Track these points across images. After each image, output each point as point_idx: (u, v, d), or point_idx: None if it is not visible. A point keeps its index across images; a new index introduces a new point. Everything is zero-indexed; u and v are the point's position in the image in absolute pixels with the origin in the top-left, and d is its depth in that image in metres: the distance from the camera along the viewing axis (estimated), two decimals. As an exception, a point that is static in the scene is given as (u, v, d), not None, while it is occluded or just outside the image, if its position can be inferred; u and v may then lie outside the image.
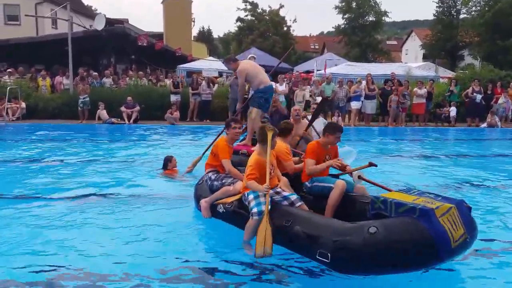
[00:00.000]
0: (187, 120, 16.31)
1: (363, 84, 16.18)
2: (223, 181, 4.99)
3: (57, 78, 17.76)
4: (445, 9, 42.29)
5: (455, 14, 42.27)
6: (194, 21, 46.04)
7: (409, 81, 17.16)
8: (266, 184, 4.14)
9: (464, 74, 20.75)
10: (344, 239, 3.50)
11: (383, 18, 44.55)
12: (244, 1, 43.64)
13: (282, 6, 44.09)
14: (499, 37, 32.59)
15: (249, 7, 43.90)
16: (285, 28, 44.50)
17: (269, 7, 44.30)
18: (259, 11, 44.22)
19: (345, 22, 45.13)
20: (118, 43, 21.89)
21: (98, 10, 50.10)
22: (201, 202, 5.00)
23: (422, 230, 3.37)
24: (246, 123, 7.49)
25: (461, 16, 41.74)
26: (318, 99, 15.69)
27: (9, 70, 17.51)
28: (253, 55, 8.90)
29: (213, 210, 4.88)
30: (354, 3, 43.73)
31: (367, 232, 3.43)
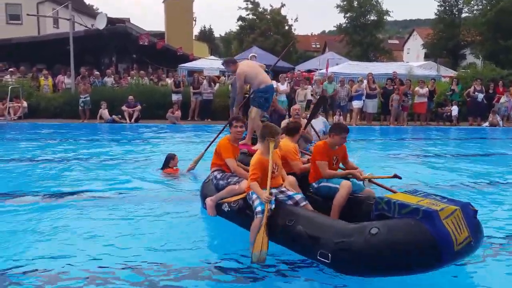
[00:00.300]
0: (188, 119, 16.31)
1: (365, 83, 16.16)
2: (228, 180, 5.01)
3: (59, 77, 17.77)
4: (447, 8, 42.24)
5: (457, 13, 42.22)
6: (195, 20, 46.09)
7: (411, 80, 17.14)
8: (267, 194, 4.10)
9: (466, 73, 20.73)
10: (345, 239, 3.47)
11: (384, 17, 44.52)
12: (246, 0, 43.65)
13: (283, 5, 44.08)
14: (501, 36, 32.53)
15: (250, 6, 43.90)
16: (286, 27, 44.45)
17: (271, 6, 44.32)
18: (260, 10, 44.20)
19: (346, 21, 45.13)
20: (120, 43, 21.92)
21: (99, 10, 50.22)
22: (206, 201, 5.04)
23: (425, 232, 3.33)
24: (246, 122, 7.49)
25: (463, 15, 41.73)
26: (320, 98, 15.70)
27: (10, 69, 17.53)
28: (254, 54, 8.90)
29: (218, 208, 4.89)
30: (356, 2, 43.71)
31: (368, 233, 3.40)
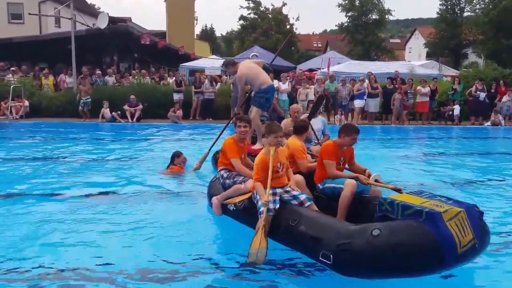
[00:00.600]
0: (190, 118, 16.32)
1: (366, 82, 16.15)
2: (234, 179, 5.02)
3: (61, 77, 17.78)
4: (449, 7, 42.21)
5: (459, 12, 42.19)
6: (196, 20, 46.09)
7: (413, 79, 17.11)
8: (265, 198, 4.09)
9: (468, 72, 20.67)
10: (347, 241, 3.44)
11: (386, 16, 44.53)
12: (247, -1, 43.65)
13: (284, 4, 44.07)
14: (503, 35, 32.49)
15: (252, 5, 43.90)
16: (288, 26, 44.43)
17: (272, 5, 44.32)
18: (262, 9, 44.19)
19: (348, 20, 45.15)
20: (121, 42, 21.93)
21: (101, 9, 50.24)
22: (212, 200, 5.06)
23: (427, 234, 3.29)
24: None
25: (465, 14, 41.69)
26: (321, 97, 15.67)
27: (12, 68, 17.56)
28: (255, 53, 8.90)
29: (224, 207, 4.91)
30: (358, 1, 43.71)
31: (370, 235, 3.36)
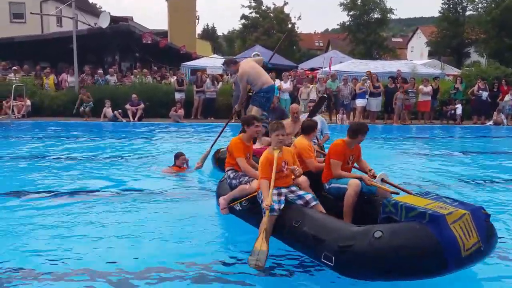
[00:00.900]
0: (192, 117, 16.31)
1: (368, 81, 16.12)
2: (240, 179, 5.05)
3: (62, 76, 17.79)
4: (451, 6, 42.12)
5: (461, 11, 42.11)
6: (198, 19, 45.97)
7: (415, 79, 17.08)
8: (267, 202, 4.05)
9: (470, 71, 20.62)
10: (349, 242, 3.42)
11: (388, 15, 44.41)
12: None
13: (286, 3, 44.06)
14: (506, 34, 32.42)
15: (253, 4, 43.87)
16: (289, 25, 44.39)
17: (274, 4, 44.30)
18: (263, 8, 44.16)
19: (350, 19, 45.04)
20: (123, 41, 21.91)
21: (102, 8, 50.26)
22: (219, 200, 5.11)
23: (430, 236, 3.25)
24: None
25: (467, 13, 41.60)
26: (323, 97, 15.64)
27: (14, 68, 17.57)
28: (257, 52, 8.88)
29: (231, 207, 4.94)
30: (359, 0, 43.58)
31: (372, 236, 3.34)
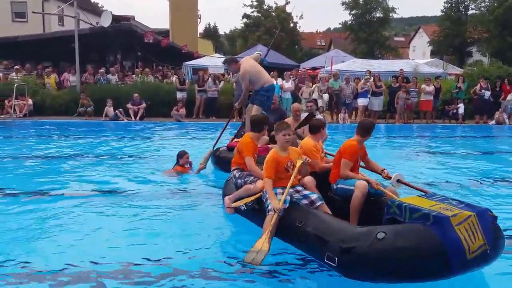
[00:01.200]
0: (193, 117, 16.31)
1: (370, 80, 16.09)
2: (245, 179, 5.06)
3: (64, 75, 17.81)
4: (453, 5, 41.99)
5: (463, 10, 41.98)
6: (200, 18, 45.96)
7: (417, 78, 17.04)
8: (279, 206, 4.06)
9: (472, 70, 20.56)
10: (351, 243, 3.40)
11: (390, 14, 44.29)
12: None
13: (288, 2, 43.93)
14: (508, 33, 32.32)
15: (255, 3, 43.80)
16: (291, 25, 44.32)
17: (275, 3, 44.24)
18: (265, 7, 44.10)
19: (352, 18, 44.93)
20: (125, 40, 21.92)
21: (104, 7, 50.24)
22: (225, 199, 5.13)
23: (433, 238, 3.23)
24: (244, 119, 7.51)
25: (470, 12, 41.45)
26: (325, 96, 15.65)
27: (16, 67, 17.58)
28: (259, 52, 8.86)
29: (236, 207, 4.93)
30: (361, -1, 43.48)
31: (375, 238, 3.32)
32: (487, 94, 16.47)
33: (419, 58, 40.37)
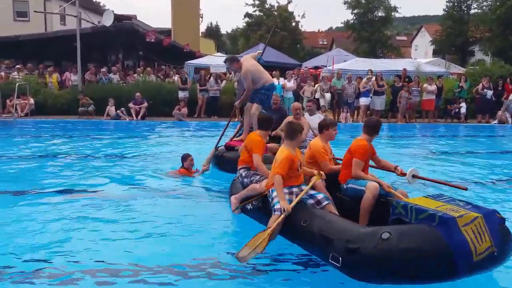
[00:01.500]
0: (195, 116, 16.30)
1: (373, 80, 16.06)
2: (251, 178, 5.07)
3: (66, 74, 17.81)
4: (456, 4, 41.85)
5: (465, 9, 41.82)
6: (202, 17, 45.87)
7: (419, 77, 17.00)
8: (287, 207, 4.04)
9: (474, 70, 20.52)
10: (356, 243, 3.37)
11: (392, 13, 44.17)
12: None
13: (290, 2, 43.82)
14: (511, 32, 32.21)
15: (257, 2, 43.71)
16: (293, 24, 44.23)
17: (277, 2, 44.09)
18: (267, 6, 44.01)
19: (354, 18, 44.82)
20: (127, 39, 21.91)
21: (106, 6, 50.12)
22: (231, 199, 5.13)
23: (439, 239, 3.19)
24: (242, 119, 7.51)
25: (472, 11, 41.30)
26: (327, 95, 15.63)
27: (18, 66, 17.58)
28: (261, 51, 8.82)
29: (242, 207, 4.94)
30: (363, -2, 43.35)
31: (380, 238, 3.28)
32: (489, 93, 16.43)
33: (421, 57, 40.25)
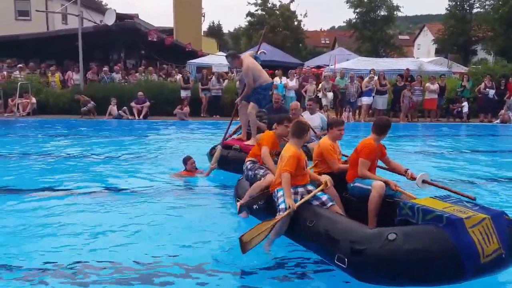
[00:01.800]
0: (202, 115, 16.28)
1: (375, 79, 16.02)
2: (256, 171, 5.06)
3: (68, 74, 17.81)
4: (458, 3, 41.71)
5: (468, 8, 41.70)
6: (204, 16, 45.89)
7: (421, 76, 16.95)
8: (292, 208, 4.01)
9: (477, 69, 20.45)
10: (362, 244, 3.34)
11: (395, 12, 44.03)
12: (254, -5, 43.36)
13: (292, 1, 43.73)
14: (514, 31, 32.08)
15: (259, 1, 43.65)
16: (295, 23, 44.16)
17: (280, 1, 44.01)
18: (269, 5, 43.95)
19: (356, 17, 44.69)
20: (129, 39, 21.90)
21: (108, 5, 50.07)
22: (237, 205, 5.05)
23: (446, 240, 3.15)
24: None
25: (474, 11, 41.20)
26: (329, 94, 15.61)
27: (19, 65, 17.58)
28: (263, 50, 8.80)
29: (250, 209, 4.90)
30: (366, -3, 43.24)
31: (386, 239, 3.25)
32: (492, 92, 16.37)
33: (423, 56, 40.14)
